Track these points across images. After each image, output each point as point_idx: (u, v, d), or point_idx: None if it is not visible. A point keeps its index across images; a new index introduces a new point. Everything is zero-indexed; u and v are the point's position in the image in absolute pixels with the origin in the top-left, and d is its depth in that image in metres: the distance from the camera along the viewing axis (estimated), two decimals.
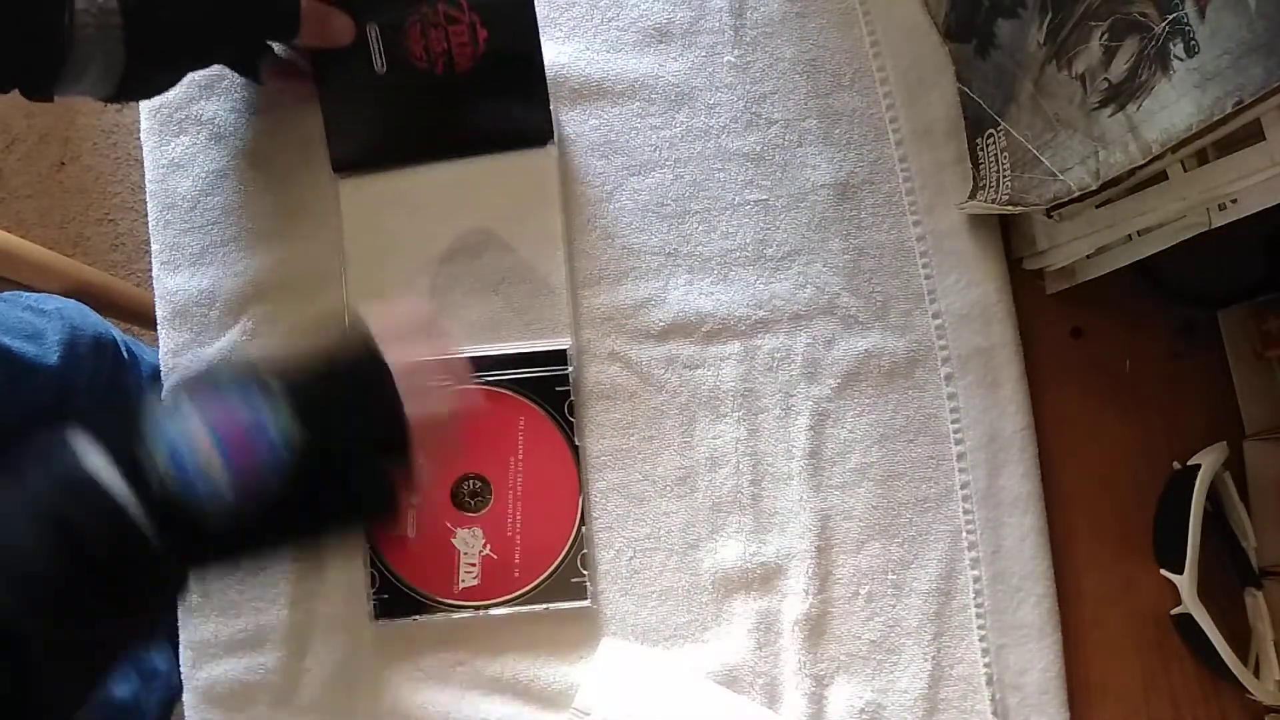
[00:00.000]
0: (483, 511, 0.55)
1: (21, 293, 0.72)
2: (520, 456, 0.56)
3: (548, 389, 0.56)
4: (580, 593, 0.55)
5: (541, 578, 0.55)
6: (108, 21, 0.43)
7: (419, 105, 0.56)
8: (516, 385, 0.56)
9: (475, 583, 0.55)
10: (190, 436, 0.35)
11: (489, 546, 0.55)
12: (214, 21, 0.48)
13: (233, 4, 0.48)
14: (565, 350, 0.56)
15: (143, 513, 0.35)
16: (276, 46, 0.55)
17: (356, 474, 0.42)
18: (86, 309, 0.76)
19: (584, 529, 0.55)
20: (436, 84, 0.55)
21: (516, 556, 0.55)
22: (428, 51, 0.55)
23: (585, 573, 0.55)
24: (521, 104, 0.56)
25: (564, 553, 0.55)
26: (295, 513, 0.40)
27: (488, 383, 0.56)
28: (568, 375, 0.56)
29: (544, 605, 0.55)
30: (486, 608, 0.55)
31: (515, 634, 0.55)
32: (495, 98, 0.56)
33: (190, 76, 0.54)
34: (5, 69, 0.42)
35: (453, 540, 0.55)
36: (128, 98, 0.47)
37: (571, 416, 0.56)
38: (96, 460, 0.35)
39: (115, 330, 0.78)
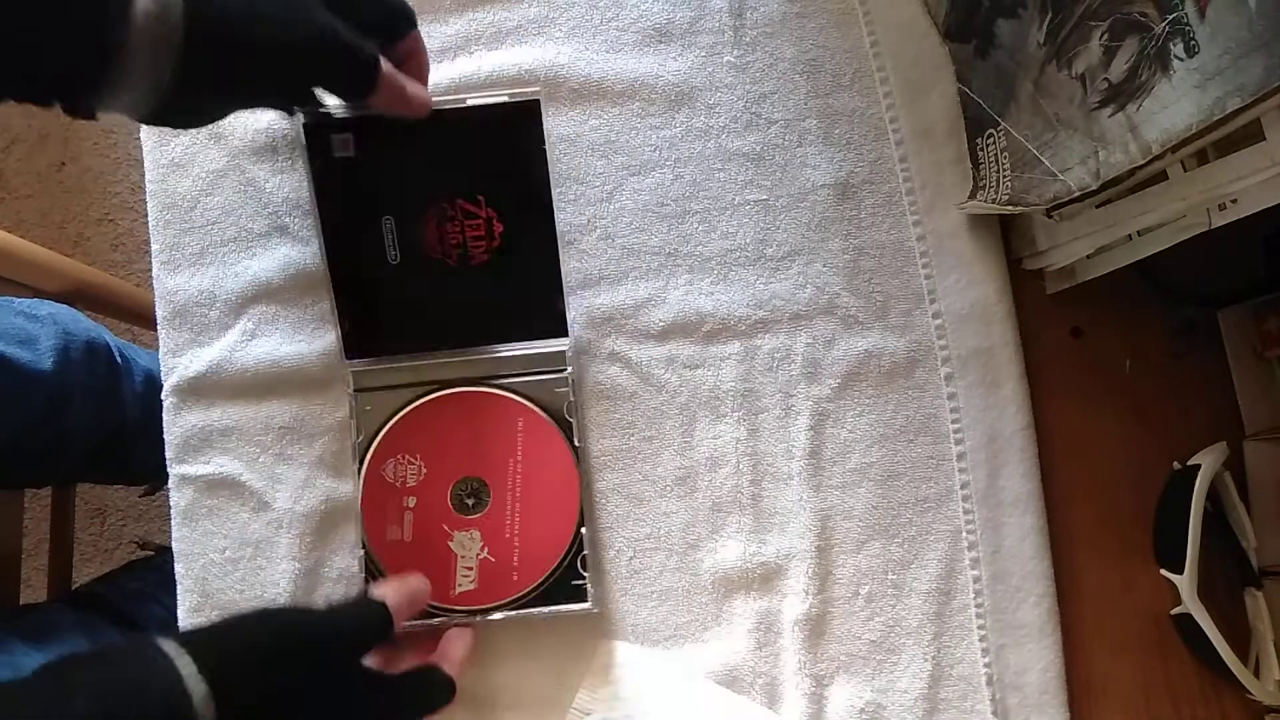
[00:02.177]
0: (480, 514, 0.55)
1: (13, 299, 0.72)
2: (519, 459, 0.55)
3: (547, 391, 0.56)
4: (581, 595, 0.55)
5: (540, 581, 0.55)
6: (168, 39, 0.39)
7: (431, 294, 0.56)
8: (515, 387, 0.56)
9: (472, 587, 0.55)
10: None
11: (487, 550, 0.55)
12: (286, 62, 0.43)
13: (313, 51, 0.43)
14: (564, 352, 0.56)
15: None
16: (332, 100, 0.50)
17: None
18: (79, 314, 0.76)
19: (585, 531, 0.55)
20: (449, 274, 0.55)
21: (515, 559, 0.55)
22: (442, 244, 0.55)
23: (586, 575, 0.55)
24: (537, 297, 0.56)
25: (563, 555, 0.55)
26: None
27: (487, 385, 0.56)
28: (567, 377, 0.56)
29: (542, 609, 0.54)
30: (484, 612, 0.54)
31: (515, 634, 0.55)
32: (509, 290, 0.56)
33: None
34: (49, 78, 0.39)
35: (449, 544, 0.55)
36: (166, 123, 0.44)
37: (571, 418, 0.56)
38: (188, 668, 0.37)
39: (108, 335, 0.78)
